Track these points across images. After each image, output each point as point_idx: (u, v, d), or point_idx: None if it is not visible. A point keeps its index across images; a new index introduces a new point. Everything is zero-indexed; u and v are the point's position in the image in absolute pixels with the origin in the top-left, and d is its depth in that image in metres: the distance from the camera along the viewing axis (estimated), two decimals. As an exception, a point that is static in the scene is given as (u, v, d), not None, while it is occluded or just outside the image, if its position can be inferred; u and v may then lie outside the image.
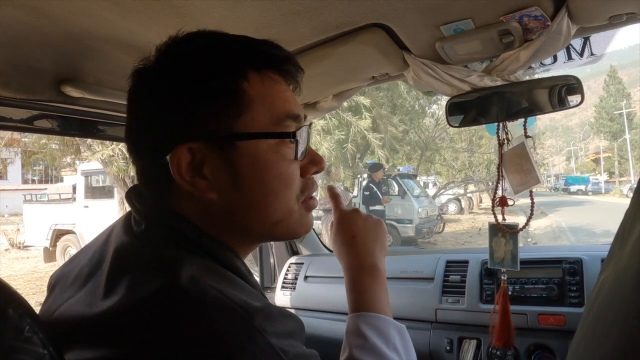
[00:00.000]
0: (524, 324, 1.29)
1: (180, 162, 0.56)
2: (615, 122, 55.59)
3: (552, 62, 1.11)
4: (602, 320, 0.32)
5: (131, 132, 0.63)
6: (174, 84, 0.57)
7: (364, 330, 0.68)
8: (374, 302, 0.73)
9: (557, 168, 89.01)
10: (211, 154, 0.57)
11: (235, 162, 0.57)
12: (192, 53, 0.59)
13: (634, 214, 0.33)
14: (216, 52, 0.59)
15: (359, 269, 0.77)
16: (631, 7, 0.85)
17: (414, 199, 10.98)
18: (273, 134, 0.59)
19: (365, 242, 0.80)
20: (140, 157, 0.63)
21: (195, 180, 0.57)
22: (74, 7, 0.77)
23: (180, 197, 0.59)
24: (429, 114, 13.93)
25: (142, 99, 0.61)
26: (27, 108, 1.00)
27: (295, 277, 1.89)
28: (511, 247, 1.21)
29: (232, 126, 0.57)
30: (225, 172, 0.57)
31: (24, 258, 10.86)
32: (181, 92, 0.57)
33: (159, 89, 0.58)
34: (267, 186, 0.59)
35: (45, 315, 0.59)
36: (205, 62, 0.58)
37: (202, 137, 0.56)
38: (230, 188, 0.58)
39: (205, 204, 0.58)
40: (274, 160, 0.59)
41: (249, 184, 0.58)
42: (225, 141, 0.57)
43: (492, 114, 1.14)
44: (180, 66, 0.58)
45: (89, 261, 0.61)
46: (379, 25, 0.94)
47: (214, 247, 0.58)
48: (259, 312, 0.49)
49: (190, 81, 0.57)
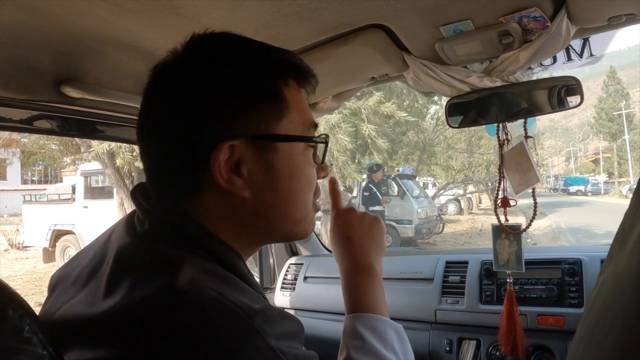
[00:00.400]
0: (524, 324, 1.29)
1: (221, 159, 0.57)
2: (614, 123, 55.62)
3: (551, 63, 1.11)
4: (602, 321, 0.32)
5: (154, 127, 0.61)
6: (222, 83, 0.58)
7: (361, 332, 0.67)
8: (370, 302, 0.73)
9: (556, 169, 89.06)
10: (250, 153, 0.59)
11: (273, 163, 0.60)
12: (237, 54, 0.61)
13: (634, 215, 0.33)
14: (260, 56, 0.62)
15: (354, 269, 0.77)
16: (630, 8, 0.85)
17: (413, 200, 10.98)
18: (311, 138, 0.65)
19: (360, 243, 0.79)
20: (163, 155, 0.61)
21: (232, 178, 0.58)
22: (73, 7, 0.77)
23: (206, 195, 0.59)
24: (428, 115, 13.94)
25: (175, 93, 0.59)
26: (26, 108, 1.00)
27: (294, 278, 1.89)
28: (515, 248, 1.21)
29: (273, 128, 0.60)
30: (262, 172, 0.60)
31: (23, 258, 10.85)
32: (228, 91, 0.58)
33: (200, 86, 0.58)
34: (297, 187, 0.64)
35: (46, 316, 0.59)
36: (251, 64, 0.60)
37: (244, 136, 0.58)
38: (265, 187, 0.60)
39: (236, 203, 0.60)
40: (302, 163, 0.64)
41: (282, 183, 0.61)
42: (266, 142, 0.59)
43: (492, 114, 1.14)
44: (226, 66, 0.59)
45: (90, 261, 0.61)
46: (379, 26, 0.94)
47: (217, 247, 0.58)
48: (258, 314, 0.49)
49: (236, 82, 0.58)
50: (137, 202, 0.62)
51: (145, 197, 0.62)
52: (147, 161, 0.63)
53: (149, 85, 0.63)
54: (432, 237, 11.44)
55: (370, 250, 0.79)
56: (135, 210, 0.63)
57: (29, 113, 1.02)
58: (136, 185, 0.65)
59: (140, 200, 0.61)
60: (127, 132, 1.27)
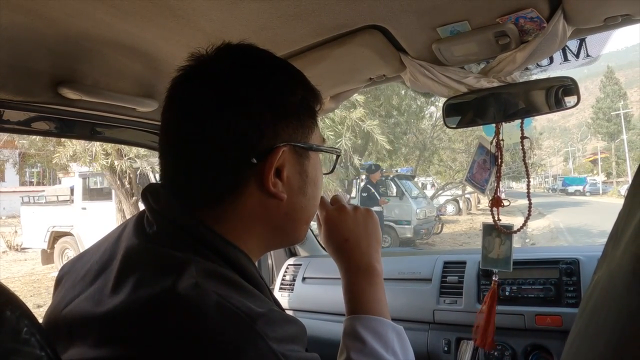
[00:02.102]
0: (522, 324, 1.29)
1: (273, 162, 0.61)
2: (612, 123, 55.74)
3: (548, 64, 1.11)
4: (595, 320, 0.32)
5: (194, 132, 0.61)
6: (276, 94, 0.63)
7: (361, 334, 0.67)
8: (371, 304, 0.73)
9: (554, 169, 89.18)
10: (292, 159, 0.64)
11: (307, 169, 0.67)
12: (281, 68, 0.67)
13: (627, 214, 0.33)
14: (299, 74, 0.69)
15: (355, 271, 0.77)
16: (626, 9, 0.86)
17: (412, 200, 10.99)
18: (335, 149, 0.76)
19: (358, 243, 0.78)
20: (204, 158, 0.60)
21: (276, 181, 0.62)
22: (71, 9, 0.77)
23: (244, 196, 0.61)
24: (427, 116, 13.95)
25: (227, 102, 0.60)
26: (24, 110, 1.01)
27: (293, 279, 1.89)
28: (506, 248, 1.21)
29: (309, 138, 0.67)
30: (298, 177, 0.66)
31: (22, 260, 10.84)
32: (282, 103, 0.63)
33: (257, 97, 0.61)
34: (317, 192, 0.71)
35: (55, 311, 0.60)
36: (295, 81, 0.67)
37: (290, 143, 0.63)
38: (297, 191, 0.66)
39: (272, 204, 0.64)
40: (320, 171, 0.71)
41: (310, 188, 0.68)
42: (305, 150, 0.66)
43: (489, 115, 1.14)
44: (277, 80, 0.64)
45: (100, 258, 0.61)
46: (376, 27, 0.94)
47: (226, 248, 0.58)
48: (261, 317, 0.49)
49: (291, 95, 0.65)
50: (147, 203, 0.62)
51: (155, 198, 0.62)
52: (171, 166, 0.64)
53: (176, 90, 0.64)
54: (430, 237, 11.45)
55: (370, 249, 0.79)
56: (145, 211, 0.63)
57: (27, 115, 1.03)
58: (147, 185, 0.66)
59: (150, 202, 0.61)
60: (125, 133, 1.27)
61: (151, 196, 0.62)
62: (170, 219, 0.58)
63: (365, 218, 0.81)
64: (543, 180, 67.45)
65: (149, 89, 1.08)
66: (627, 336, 0.27)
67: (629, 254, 0.30)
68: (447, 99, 1.16)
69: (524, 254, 1.46)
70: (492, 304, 1.22)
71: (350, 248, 0.78)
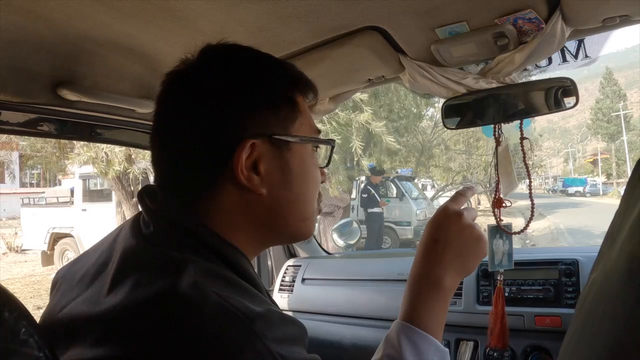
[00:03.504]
0: (521, 325, 1.29)
1: (242, 156, 0.59)
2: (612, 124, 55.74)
3: (547, 65, 1.12)
4: (592, 320, 0.32)
5: (173, 129, 0.63)
6: (243, 85, 0.62)
7: (401, 343, 0.65)
8: (425, 317, 0.68)
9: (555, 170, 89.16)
10: (268, 152, 0.62)
11: (288, 162, 0.64)
12: (256, 61, 0.66)
13: (623, 214, 0.33)
14: (277, 66, 0.67)
15: (422, 278, 0.72)
16: (624, 10, 0.86)
17: (412, 201, 11.00)
18: (323, 140, 0.70)
19: (445, 252, 0.72)
20: (182, 155, 0.62)
21: (251, 175, 0.61)
22: (70, 10, 0.78)
23: (223, 193, 0.61)
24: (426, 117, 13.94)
25: (197, 95, 0.62)
26: (23, 111, 1.01)
27: (292, 280, 1.89)
28: (507, 247, 1.21)
29: (289, 129, 0.64)
30: (278, 170, 0.63)
31: (22, 262, 10.84)
32: (250, 93, 0.62)
33: (224, 88, 0.61)
34: (308, 185, 0.67)
35: (51, 314, 0.60)
36: (271, 72, 0.66)
37: (263, 136, 0.61)
38: (280, 185, 0.64)
39: (252, 200, 0.62)
40: (311, 164, 0.68)
41: (295, 182, 0.65)
42: (283, 141, 0.63)
43: (489, 115, 1.14)
44: (248, 70, 0.64)
45: (96, 261, 0.61)
46: (375, 28, 0.94)
47: (224, 248, 0.58)
48: (259, 318, 0.49)
49: (260, 85, 0.63)
50: (144, 204, 0.62)
51: (152, 199, 0.62)
52: (161, 166, 0.65)
53: (163, 95, 0.65)
54: (431, 238, 11.42)
55: (452, 265, 0.72)
56: (141, 212, 0.63)
57: (26, 116, 1.03)
58: (143, 187, 0.66)
59: (147, 202, 0.62)
60: (124, 134, 1.27)
61: (148, 197, 0.62)
62: (167, 218, 0.59)
63: (471, 241, 0.74)
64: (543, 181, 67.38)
65: (147, 90, 1.08)
66: (623, 335, 0.27)
67: (625, 253, 0.30)
68: (446, 100, 1.16)
69: (524, 254, 1.46)
70: (502, 305, 1.22)
71: (434, 252, 0.73)
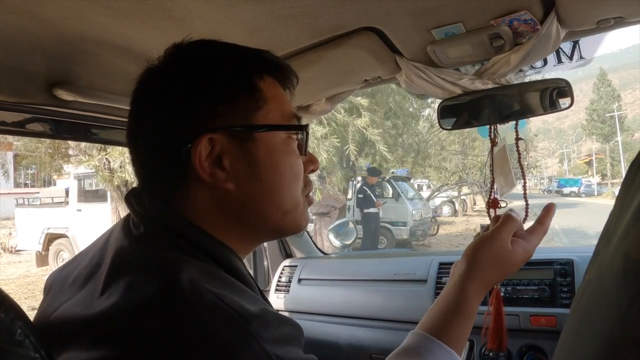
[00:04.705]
0: (516, 325, 1.30)
1: (201, 152, 0.58)
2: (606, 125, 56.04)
3: (542, 66, 1.12)
4: (587, 319, 0.32)
5: (141, 130, 0.63)
6: (196, 80, 0.60)
7: (421, 355, 0.65)
8: (449, 332, 0.69)
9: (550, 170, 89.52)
10: (231, 145, 0.60)
11: (254, 153, 0.61)
12: (212, 54, 0.63)
13: (618, 214, 0.33)
14: (235, 54, 0.64)
15: (457, 292, 0.72)
16: (619, 12, 0.86)
17: (408, 202, 11.01)
18: (289, 126, 0.65)
19: (483, 274, 0.73)
20: (150, 155, 0.62)
21: (214, 171, 0.59)
22: (66, 10, 0.77)
23: (193, 191, 0.60)
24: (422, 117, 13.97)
25: (157, 95, 0.61)
26: (18, 111, 1.00)
27: (289, 280, 1.89)
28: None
29: (251, 119, 0.61)
30: (244, 163, 0.61)
31: (16, 262, 10.78)
32: (203, 87, 0.60)
33: (178, 85, 0.60)
34: (281, 176, 0.63)
35: (43, 317, 0.59)
36: (227, 61, 0.62)
37: (222, 129, 0.59)
38: (249, 178, 0.61)
39: (222, 196, 0.61)
40: (285, 152, 0.64)
41: (265, 173, 0.62)
42: (245, 133, 0.60)
43: (484, 116, 1.14)
44: (202, 65, 0.61)
45: (89, 263, 0.61)
46: (371, 28, 0.95)
47: (215, 247, 0.58)
48: (255, 318, 0.49)
49: (213, 78, 0.60)
50: (131, 206, 0.62)
51: (139, 200, 0.62)
52: (137, 166, 0.65)
53: (134, 93, 0.65)
54: (426, 239, 11.47)
55: (482, 286, 0.73)
56: (130, 214, 0.63)
57: (21, 116, 1.02)
58: (130, 189, 0.66)
59: (134, 204, 0.62)
60: (120, 134, 1.27)
61: (135, 199, 0.62)
62: (155, 219, 0.59)
63: (513, 266, 0.74)
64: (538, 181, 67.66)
65: (144, 90, 1.08)
66: (618, 335, 0.27)
67: (619, 253, 0.30)
68: (442, 101, 1.16)
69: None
70: (499, 305, 1.22)
71: (473, 270, 0.73)
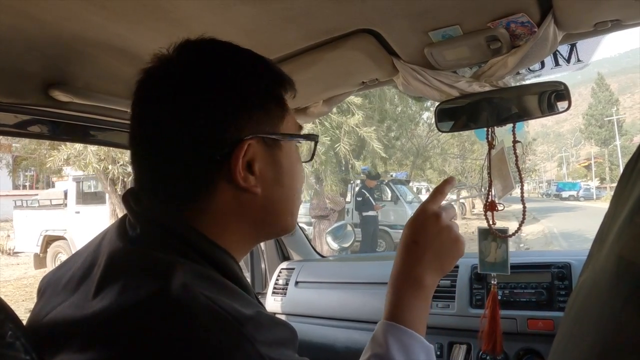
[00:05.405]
0: (514, 328, 1.29)
1: (240, 156, 0.59)
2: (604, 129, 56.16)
3: (539, 68, 1.12)
4: (580, 322, 0.32)
5: (156, 132, 0.60)
6: (234, 86, 0.61)
7: (388, 342, 0.66)
8: (407, 315, 0.70)
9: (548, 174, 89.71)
10: (262, 151, 0.62)
11: (279, 160, 0.65)
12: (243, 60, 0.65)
13: (612, 216, 0.33)
14: (263, 63, 0.66)
15: (404, 278, 0.73)
16: (616, 15, 0.86)
17: (406, 205, 11.00)
18: (309, 135, 0.71)
19: (424, 253, 0.73)
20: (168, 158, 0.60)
21: (247, 176, 0.61)
22: (62, 11, 0.77)
23: (219, 194, 0.60)
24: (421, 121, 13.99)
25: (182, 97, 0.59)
26: (14, 112, 1.00)
27: (286, 283, 1.88)
28: (502, 251, 1.21)
29: (278, 128, 0.65)
30: (270, 168, 0.64)
31: (14, 264, 10.75)
32: (242, 93, 0.61)
33: (213, 89, 0.60)
34: (295, 181, 0.69)
35: (35, 319, 0.59)
36: (259, 70, 0.65)
37: (257, 135, 0.61)
38: (273, 183, 0.64)
39: (247, 199, 0.62)
40: (297, 159, 0.70)
41: (286, 179, 0.66)
42: (274, 140, 0.64)
43: (482, 119, 1.14)
44: (238, 70, 0.63)
45: (82, 265, 0.60)
46: (368, 31, 0.94)
47: (210, 250, 0.58)
48: (249, 321, 0.49)
49: (250, 85, 0.62)
50: (129, 206, 0.61)
51: (136, 201, 0.61)
52: (142, 167, 0.63)
53: (140, 92, 0.63)
54: (425, 242, 11.43)
55: (431, 265, 0.73)
56: (127, 215, 0.62)
57: (18, 117, 1.02)
58: (128, 189, 0.65)
59: (132, 204, 0.61)
60: (117, 136, 1.26)
61: (132, 199, 0.62)
62: (153, 220, 0.58)
63: (450, 242, 0.75)
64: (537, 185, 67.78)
65: (140, 91, 1.08)
66: (610, 337, 0.27)
67: (613, 255, 0.30)
68: (439, 103, 1.16)
69: (516, 257, 1.46)
70: (495, 308, 1.21)
71: (414, 253, 0.74)
